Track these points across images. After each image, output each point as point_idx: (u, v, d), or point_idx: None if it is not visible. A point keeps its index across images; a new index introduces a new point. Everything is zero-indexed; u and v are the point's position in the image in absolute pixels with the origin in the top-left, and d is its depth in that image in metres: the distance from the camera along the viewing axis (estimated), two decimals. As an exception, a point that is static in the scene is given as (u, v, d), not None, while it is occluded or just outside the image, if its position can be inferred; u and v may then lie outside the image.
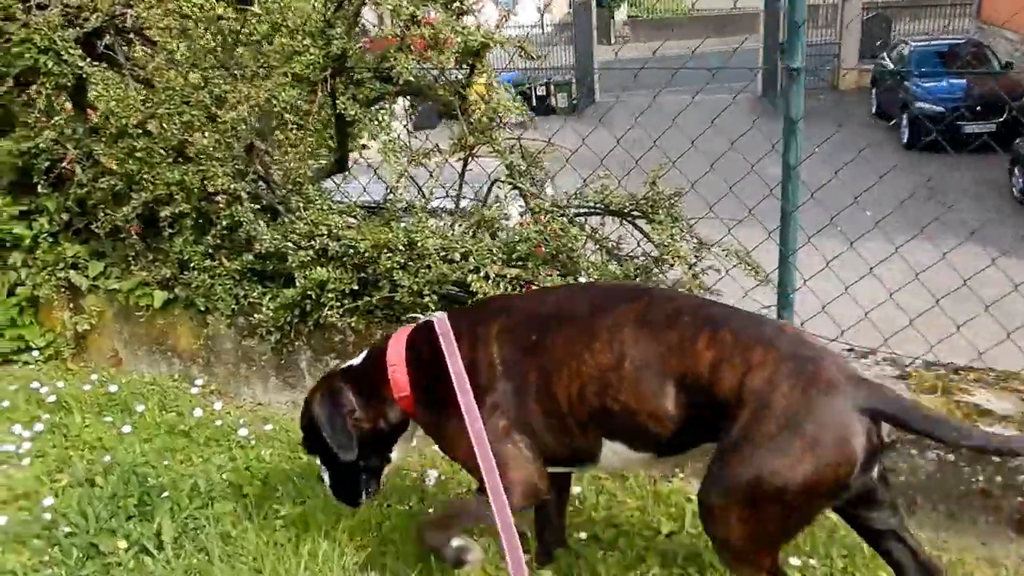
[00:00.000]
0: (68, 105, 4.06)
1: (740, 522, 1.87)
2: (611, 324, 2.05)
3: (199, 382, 4.01)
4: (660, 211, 3.06)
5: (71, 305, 4.32)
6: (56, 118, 3.89)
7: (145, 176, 3.75)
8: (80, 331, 4.27)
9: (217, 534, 2.74)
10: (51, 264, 4.21)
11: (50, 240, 4.22)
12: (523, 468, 2.14)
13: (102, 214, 3.96)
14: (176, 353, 4.15)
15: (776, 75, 16.66)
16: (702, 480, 1.94)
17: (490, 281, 3.14)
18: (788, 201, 2.81)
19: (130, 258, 4.04)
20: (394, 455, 2.46)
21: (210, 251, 3.81)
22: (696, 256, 3.07)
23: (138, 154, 3.73)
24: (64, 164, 4.00)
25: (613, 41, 26.38)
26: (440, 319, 2.29)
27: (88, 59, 3.77)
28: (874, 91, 17.97)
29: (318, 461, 2.46)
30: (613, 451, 2.11)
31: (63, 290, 4.25)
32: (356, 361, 2.46)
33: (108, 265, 4.21)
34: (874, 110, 17.59)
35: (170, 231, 3.84)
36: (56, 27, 3.67)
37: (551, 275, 3.20)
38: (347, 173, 3.93)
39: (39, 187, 4.07)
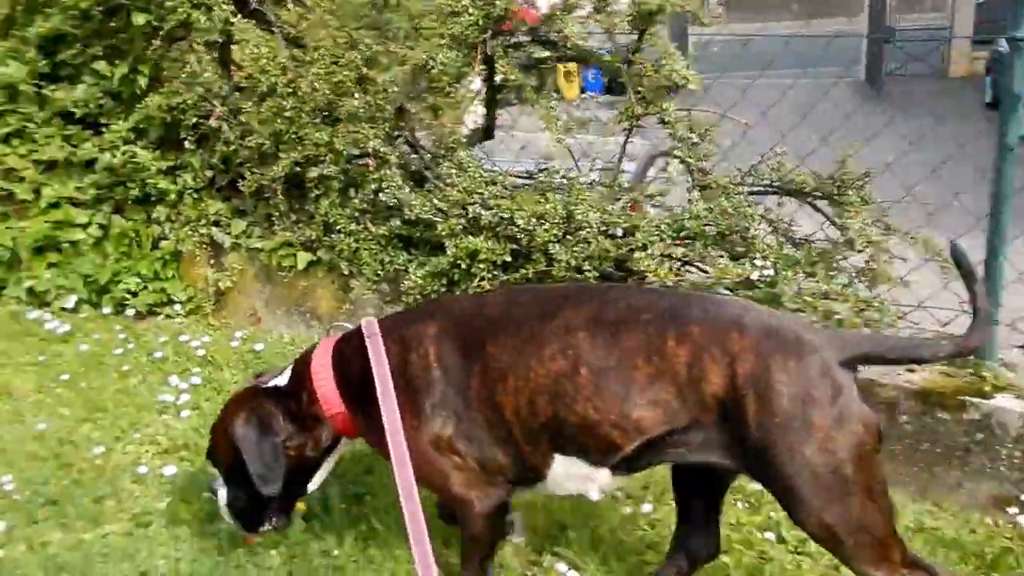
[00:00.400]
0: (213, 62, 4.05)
1: (847, 520, 1.72)
2: (562, 327, 1.89)
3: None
4: (849, 192, 2.84)
5: (212, 261, 4.37)
6: (206, 74, 3.88)
7: (293, 136, 3.71)
8: (221, 288, 4.31)
9: (383, 505, 2.71)
10: (194, 220, 4.24)
11: (194, 196, 4.25)
12: (470, 482, 2.01)
13: (248, 173, 3.95)
14: (316, 315, 4.16)
15: (879, 60, 15.74)
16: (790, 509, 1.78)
17: (655, 260, 3.00)
18: (1003, 186, 2.56)
19: (273, 218, 4.04)
20: (313, 484, 2.28)
21: (356, 215, 3.76)
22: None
23: (287, 114, 3.68)
24: (210, 121, 4.00)
25: (707, 21, 25.46)
26: (368, 322, 2.13)
27: (239, 15, 3.73)
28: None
29: (216, 473, 2.28)
30: (566, 468, 1.94)
31: (205, 246, 4.29)
32: (281, 380, 2.23)
33: (250, 224, 4.22)
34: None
35: (316, 193, 3.81)
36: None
37: (721, 256, 3.04)
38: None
39: (185, 143, 4.09)
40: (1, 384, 3.57)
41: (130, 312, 4.28)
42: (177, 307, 4.38)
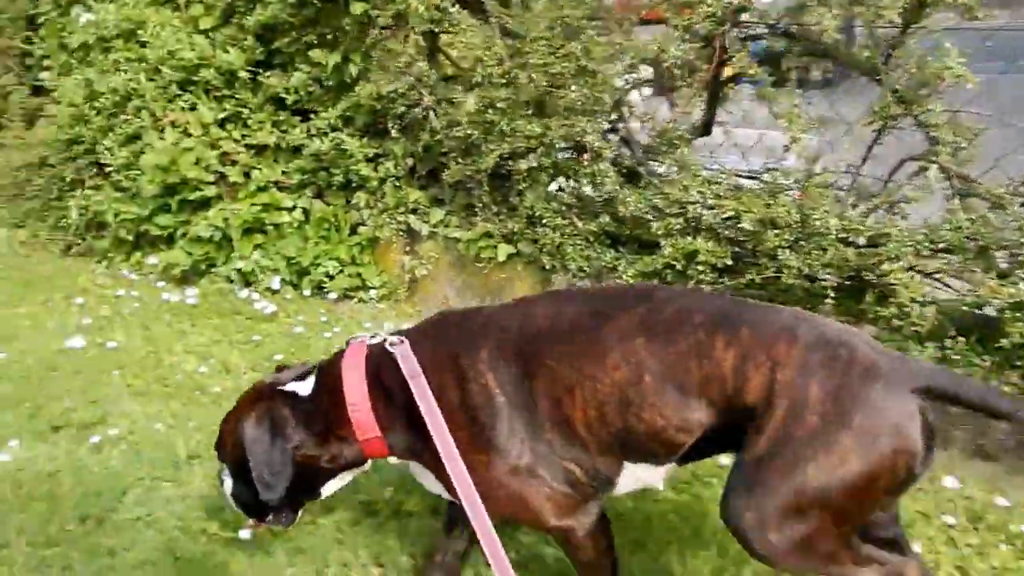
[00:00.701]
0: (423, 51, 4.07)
1: (791, 540, 1.63)
2: (619, 334, 1.82)
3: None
4: None
5: (408, 249, 4.42)
6: (418, 63, 3.90)
7: (504, 127, 3.67)
8: (416, 275, 4.36)
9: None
10: (392, 207, 4.29)
11: (394, 184, 4.30)
12: (565, 508, 1.89)
13: (453, 163, 3.96)
14: (510, 307, 4.13)
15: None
16: (725, 499, 1.69)
17: (906, 273, 2.78)
18: None
19: (476, 208, 4.02)
20: (325, 492, 2.16)
21: (562, 209, 3.70)
22: None
23: (500, 105, 3.65)
24: (418, 110, 4.02)
25: (981, 15, 24.04)
26: (403, 352, 1.95)
27: (456, 5, 3.72)
28: None
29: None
30: (634, 472, 1.89)
31: (402, 234, 4.34)
32: (304, 389, 2.10)
33: (448, 213, 4.23)
34: None
35: (523, 185, 3.77)
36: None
37: (974, 272, 2.78)
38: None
39: (391, 132, 4.13)
40: (220, 360, 3.72)
41: (332, 295, 4.38)
42: (372, 292, 4.46)
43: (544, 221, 3.73)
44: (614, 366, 1.80)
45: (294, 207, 4.48)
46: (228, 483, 2.16)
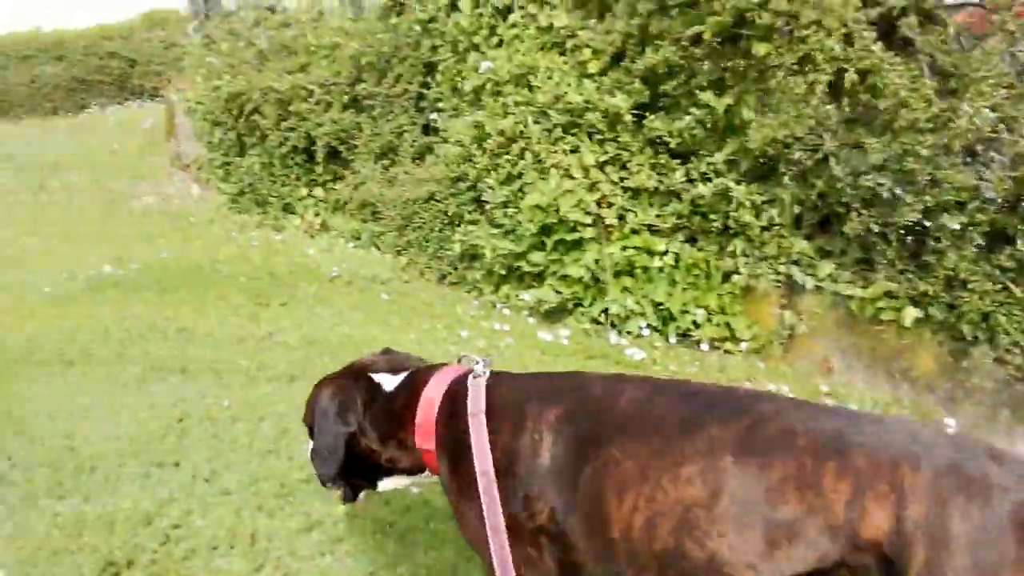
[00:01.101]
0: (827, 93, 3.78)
1: None
2: (707, 445, 1.61)
3: (949, 420, 3.46)
4: None
5: (785, 302, 4.12)
6: (823, 107, 3.62)
7: (927, 177, 3.27)
8: (795, 331, 4.04)
9: None
10: (773, 256, 4.03)
11: (777, 232, 4.04)
12: None
13: (854, 215, 3.61)
14: (909, 378, 3.66)
15: None
16: None
17: None
18: None
19: (877, 265, 3.63)
20: (383, 485, 2.15)
21: (996, 272, 3.19)
22: None
23: (923, 152, 3.25)
24: (815, 155, 3.73)
25: None
26: (476, 387, 1.91)
27: (878, 43, 3.39)
28: None
29: None
30: None
31: (779, 285, 4.06)
32: (390, 385, 2.08)
33: (838, 267, 3.88)
34: None
35: (943, 244, 3.32)
36: (853, 7, 3.34)
37: None
38: None
39: (783, 177, 3.89)
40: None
41: (704, 347, 4.22)
42: (742, 344, 4.22)
43: (969, 285, 3.25)
44: (688, 479, 1.60)
45: (666, 251, 4.38)
46: (311, 444, 2.19)
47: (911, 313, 3.50)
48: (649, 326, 4.41)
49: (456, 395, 1.98)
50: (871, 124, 3.60)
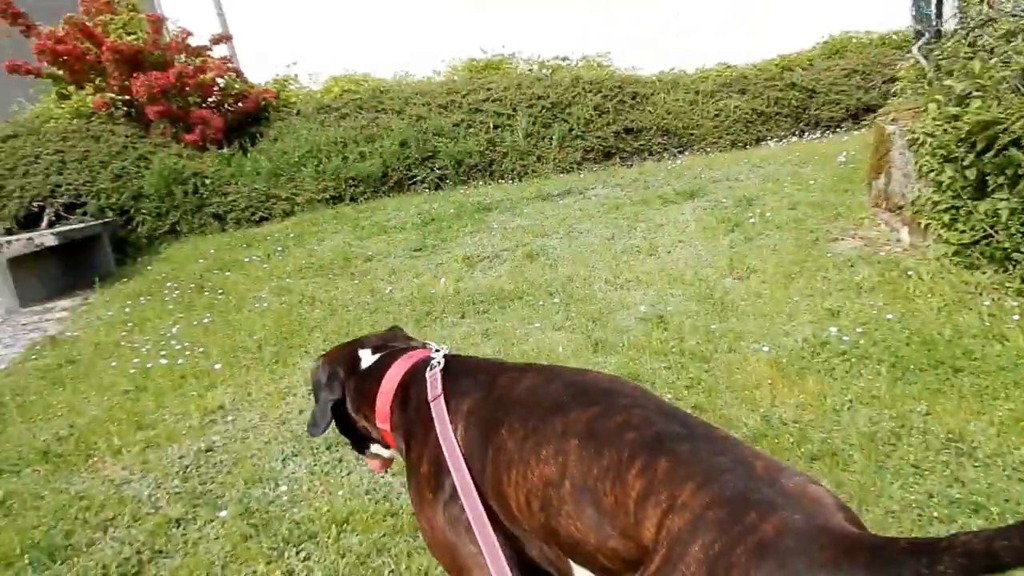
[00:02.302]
0: None
1: None
2: (562, 428, 1.68)
3: None
4: None
5: None
6: None
7: None
8: None
9: None
10: None
11: None
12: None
13: None
14: None
15: None
16: None
17: None
18: None
19: None
20: (374, 450, 2.41)
21: None
22: None
23: None
24: None
25: None
26: (432, 377, 2.07)
27: None
28: None
29: None
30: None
31: None
32: (366, 360, 2.34)
33: None
34: None
35: None
36: None
37: None
38: None
39: None
40: None
41: None
42: None
43: None
44: (545, 459, 1.68)
45: None
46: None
47: None
48: None
49: (411, 379, 2.17)
50: None
